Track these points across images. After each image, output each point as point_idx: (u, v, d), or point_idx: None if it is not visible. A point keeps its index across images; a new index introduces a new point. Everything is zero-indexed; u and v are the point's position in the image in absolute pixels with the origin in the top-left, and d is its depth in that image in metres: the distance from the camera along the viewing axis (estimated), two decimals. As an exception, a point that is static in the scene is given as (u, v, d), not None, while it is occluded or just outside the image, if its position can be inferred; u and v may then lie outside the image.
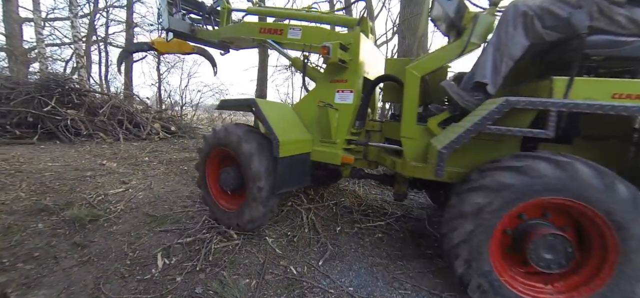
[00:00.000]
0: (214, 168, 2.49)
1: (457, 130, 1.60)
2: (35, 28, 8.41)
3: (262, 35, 2.73)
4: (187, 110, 12.08)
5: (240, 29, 2.96)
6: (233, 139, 2.20)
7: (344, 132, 2.31)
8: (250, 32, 2.84)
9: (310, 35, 2.53)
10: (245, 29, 2.91)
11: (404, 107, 2.06)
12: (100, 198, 2.85)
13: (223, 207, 2.40)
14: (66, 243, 2.09)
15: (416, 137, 2.04)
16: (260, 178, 2.09)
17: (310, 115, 2.43)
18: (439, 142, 1.70)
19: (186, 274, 1.84)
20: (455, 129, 1.66)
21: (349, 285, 1.88)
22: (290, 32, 2.59)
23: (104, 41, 12.88)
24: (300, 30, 2.55)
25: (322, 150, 2.35)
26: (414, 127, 2.05)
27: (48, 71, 7.74)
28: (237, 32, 2.98)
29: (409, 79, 2.04)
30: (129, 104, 7.25)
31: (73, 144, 5.12)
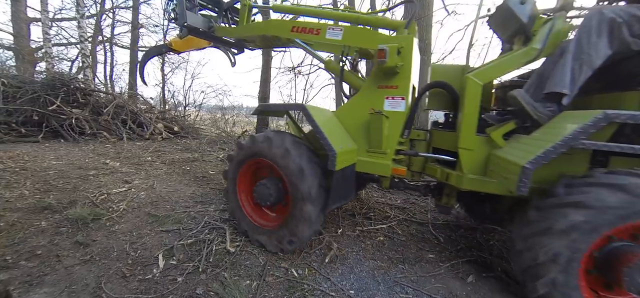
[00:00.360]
0: (247, 179, 2.31)
1: (542, 144, 1.49)
2: (43, 28, 8.52)
3: (294, 34, 2.51)
4: (191, 110, 12.16)
5: (267, 27, 2.71)
6: (277, 150, 1.99)
7: (395, 141, 2.16)
8: (279, 30, 2.61)
9: (353, 36, 2.32)
10: (273, 27, 2.67)
11: (463, 116, 1.96)
12: (103, 197, 2.87)
13: (257, 223, 2.22)
14: (69, 242, 2.10)
15: (475, 149, 1.95)
16: (310, 196, 1.90)
17: (355, 122, 2.24)
18: (516, 156, 1.58)
19: (187, 275, 1.84)
20: (537, 143, 1.55)
21: (350, 288, 1.87)
22: (330, 32, 2.37)
23: (110, 41, 13.01)
24: (342, 30, 2.34)
25: (370, 160, 2.16)
26: (474, 138, 1.95)
27: (54, 70, 7.83)
28: (263, 30, 2.73)
29: (470, 87, 1.93)
30: (133, 104, 7.31)
31: (77, 143, 5.16)
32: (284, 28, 2.59)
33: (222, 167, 4.36)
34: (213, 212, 2.74)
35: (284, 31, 2.57)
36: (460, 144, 1.98)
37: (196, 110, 12.42)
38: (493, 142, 1.90)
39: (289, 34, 2.53)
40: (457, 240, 2.70)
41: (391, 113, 2.16)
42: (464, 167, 1.97)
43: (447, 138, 2.21)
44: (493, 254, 2.47)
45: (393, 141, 2.16)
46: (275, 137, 2.05)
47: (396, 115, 2.14)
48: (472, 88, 1.93)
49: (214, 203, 2.98)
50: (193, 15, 2.94)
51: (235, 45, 3.33)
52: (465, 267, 2.24)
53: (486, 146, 1.93)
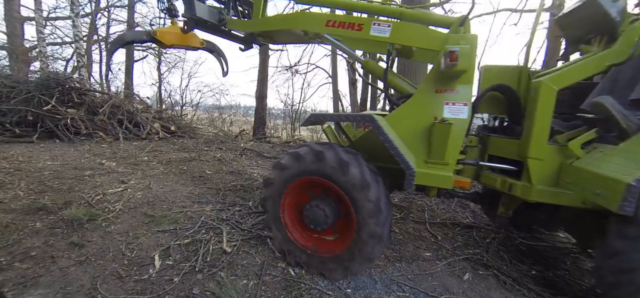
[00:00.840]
0: (291, 203, 2.06)
1: None
2: (37, 27, 8.42)
3: (328, 29, 2.25)
4: (188, 110, 12.09)
5: (295, 21, 2.42)
6: (333, 165, 1.77)
7: (457, 151, 1.94)
8: (311, 24, 2.34)
9: (404, 34, 2.09)
10: (304, 21, 2.38)
11: (534, 124, 1.85)
12: (98, 197, 2.85)
13: (311, 251, 1.97)
14: (64, 243, 2.09)
15: (546, 158, 1.83)
16: (378, 210, 1.74)
17: (410, 130, 1.99)
18: (617, 171, 1.47)
19: (184, 275, 1.84)
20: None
21: (347, 286, 1.87)
22: (375, 28, 2.13)
23: (105, 41, 12.89)
24: (390, 26, 2.09)
25: (430, 172, 1.90)
26: (545, 147, 1.84)
27: (49, 70, 7.75)
28: (291, 23, 2.43)
29: (544, 93, 1.81)
30: (129, 104, 7.25)
31: (72, 143, 5.11)
32: (317, 22, 2.31)
33: (219, 166, 4.34)
34: (210, 212, 2.73)
35: (317, 25, 2.31)
36: (530, 153, 1.86)
37: (193, 110, 12.36)
38: (569, 151, 1.77)
39: (323, 28, 2.27)
40: (453, 238, 2.72)
41: (453, 120, 1.94)
42: (533, 177, 1.85)
43: (506, 145, 2.07)
44: (489, 252, 2.49)
45: (455, 151, 1.94)
46: (327, 151, 1.81)
47: (458, 123, 1.92)
48: (546, 93, 1.80)
49: (211, 203, 2.98)
50: (202, 6, 2.64)
51: (243, 41, 3.01)
52: (462, 265, 2.25)
53: (558, 155, 1.82)
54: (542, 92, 1.82)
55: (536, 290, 2.04)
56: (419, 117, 1.96)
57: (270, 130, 11.07)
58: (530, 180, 1.87)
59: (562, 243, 2.82)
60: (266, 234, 2.38)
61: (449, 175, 1.89)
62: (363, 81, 9.90)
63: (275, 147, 6.58)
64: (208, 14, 2.68)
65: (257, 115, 9.50)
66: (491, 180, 2.12)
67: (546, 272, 2.29)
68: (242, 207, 2.93)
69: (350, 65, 9.76)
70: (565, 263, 2.49)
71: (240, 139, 7.47)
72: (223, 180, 3.69)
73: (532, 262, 2.43)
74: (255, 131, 9.08)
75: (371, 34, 2.13)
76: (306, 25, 2.37)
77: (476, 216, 3.31)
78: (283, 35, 2.74)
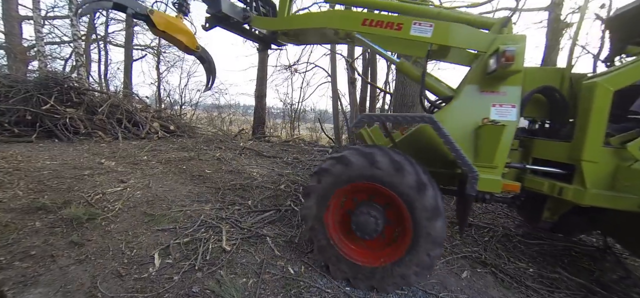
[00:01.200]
0: (336, 209, 1.94)
1: None
2: (35, 26, 8.39)
3: (365, 28, 2.17)
4: (187, 109, 12.08)
5: (328, 19, 2.31)
6: (386, 169, 1.69)
7: (505, 154, 1.89)
8: (345, 23, 2.26)
9: (447, 34, 2.02)
10: (337, 20, 2.29)
11: (588, 126, 1.81)
12: (98, 197, 2.85)
13: (360, 262, 1.86)
14: (63, 242, 2.09)
15: (600, 161, 1.80)
16: (437, 210, 1.67)
17: (456, 132, 1.90)
18: None
19: (183, 273, 1.85)
20: None
21: (346, 285, 1.88)
22: (415, 28, 2.06)
23: (104, 40, 12.86)
24: (432, 26, 2.03)
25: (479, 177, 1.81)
26: (600, 150, 1.79)
27: (47, 69, 7.72)
28: (321, 22, 2.32)
29: (599, 94, 1.77)
30: (128, 103, 7.24)
31: (71, 143, 5.11)
32: (352, 21, 2.23)
33: (219, 165, 4.35)
34: (209, 211, 2.74)
35: (352, 24, 2.23)
36: (584, 156, 1.81)
37: (192, 109, 12.35)
38: (626, 154, 1.74)
39: (359, 27, 2.20)
40: (452, 236, 2.73)
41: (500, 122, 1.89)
42: (587, 180, 1.81)
43: (554, 148, 2.02)
44: (487, 250, 2.50)
45: (504, 154, 1.89)
46: (378, 154, 1.73)
47: (507, 125, 1.87)
48: (601, 95, 1.77)
49: (210, 202, 2.98)
50: (227, 2, 2.50)
51: (261, 41, 2.87)
52: (460, 263, 2.27)
53: (614, 158, 1.78)
54: (598, 93, 1.77)
55: (534, 287, 2.06)
56: (466, 118, 1.90)
57: (270, 130, 11.07)
58: (583, 183, 1.82)
59: (560, 241, 2.84)
60: (264, 233, 2.39)
61: (497, 179, 1.84)
62: (362, 80, 9.91)
63: (275, 146, 6.59)
64: (233, 10, 2.58)
65: (256, 114, 9.50)
66: (537, 184, 2.04)
67: (544, 270, 2.31)
68: (242, 206, 2.94)
69: (349, 65, 9.76)
70: (563, 261, 2.51)
71: (240, 138, 7.47)
72: (222, 179, 3.69)
73: (530, 260, 2.44)
74: (255, 130, 9.08)
75: (411, 33, 2.07)
76: (340, 24, 2.29)
77: (475, 215, 3.32)
78: (310, 34, 2.64)
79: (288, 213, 2.79)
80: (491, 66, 1.82)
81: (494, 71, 1.81)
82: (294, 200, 3.12)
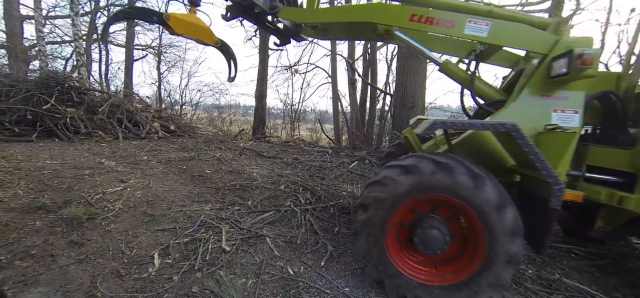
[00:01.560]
0: (394, 224, 1.80)
1: None
2: (36, 25, 8.41)
3: (413, 24, 2.05)
4: (187, 109, 12.09)
5: (370, 13, 2.15)
6: (464, 179, 1.55)
7: (568, 161, 1.78)
8: (390, 18, 2.12)
9: (505, 34, 1.91)
10: (381, 14, 2.13)
11: None
12: (98, 196, 2.85)
13: (423, 280, 1.73)
14: (63, 241, 2.10)
15: None
16: (517, 229, 1.55)
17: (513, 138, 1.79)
18: None
19: (183, 273, 1.85)
20: None
21: (345, 285, 1.89)
22: (470, 26, 1.94)
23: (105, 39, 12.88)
24: (488, 25, 1.92)
25: None
26: None
27: (48, 69, 7.74)
28: (362, 15, 2.17)
29: None
30: (129, 103, 7.25)
31: (72, 142, 5.11)
32: (399, 16, 2.09)
33: (219, 165, 4.35)
34: (209, 211, 2.75)
35: (398, 20, 2.09)
36: None
37: (193, 109, 12.37)
38: None
39: (406, 23, 2.07)
40: (451, 237, 2.74)
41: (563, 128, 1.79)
42: None
43: (613, 156, 1.93)
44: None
45: (567, 161, 1.79)
46: (455, 164, 1.59)
47: (570, 132, 1.76)
48: None
49: (210, 202, 2.99)
50: None
51: (282, 35, 2.71)
52: (459, 264, 2.26)
53: None
54: None
55: (532, 289, 2.06)
56: (523, 124, 1.71)
57: (270, 130, 11.08)
58: None
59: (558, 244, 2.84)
60: (264, 233, 2.39)
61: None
62: (362, 81, 9.92)
63: (275, 147, 6.59)
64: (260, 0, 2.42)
65: (256, 114, 9.52)
66: (593, 193, 1.93)
67: (543, 272, 2.31)
68: (242, 206, 2.94)
69: (349, 66, 9.77)
70: (562, 262, 2.51)
71: (240, 139, 7.48)
72: (222, 179, 3.70)
73: (529, 262, 2.44)
74: (255, 131, 9.10)
75: (466, 32, 1.96)
76: (385, 18, 2.13)
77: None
78: (342, 28, 2.49)
79: (288, 214, 2.80)
80: (559, 69, 1.72)
81: (563, 74, 1.72)
82: (293, 200, 3.12)
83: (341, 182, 4.06)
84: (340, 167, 4.77)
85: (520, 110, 1.87)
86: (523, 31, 1.96)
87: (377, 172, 1.78)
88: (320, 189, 3.51)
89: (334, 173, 4.42)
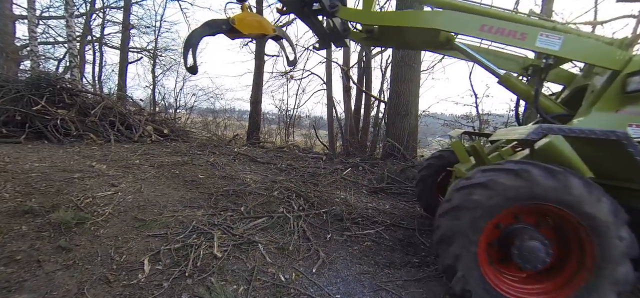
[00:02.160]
0: (486, 239, 1.67)
1: None
2: (29, 25, 8.30)
3: (483, 34, 2.04)
4: (181, 113, 12.01)
5: (438, 20, 2.12)
6: (581, 192, 1.47)
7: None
8: (459, 26, 2.09)
9: (577, 48, 1.90)
10: (452, 22, 2.10)
11: None
12: (88, 200, 2.81)
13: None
14: (50, 247, 2.05)
15: None
16: (631, 249, 1.48)
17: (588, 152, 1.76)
18: None
19: (173, 280, 1.83)
20: None
21: (336, 292, 1.89)
22: (542, 39, 1.93)
23: (99, 42, 12.79)
24: (560, 39, 1.90)
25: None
26: None
27: (40, 70, 7.63)
28: (429, 22, 2.13)
29: None
30: (122, 106, 7.18)
31: (62, 145, 5.02)
32: (469, 25, 2.07)
33: (212, 170, 4.33)
34: (201, 217, 2.73)
35: (468, 28, 2.08)
36: None
37: (187, 113, 12.29)
38: None
39: (475, 32, 2.06)
40: (442, 245, 2.77)
41: None
42: None
43: None
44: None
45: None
46: (569, 175, 1.51)
47: None
48: None
49: (202, 207, 2.97)
50: None
51: (324, 36, 2.61)
52: (449, 272, 2.29)
53: None
54: None
55: None
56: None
57: (264, 135, 11.07)
58: None
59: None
60: (256, 240, 2.39)
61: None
62: (357, 88, 10.03)
63: (269, 152, 6.59)
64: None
65: (251, 119, 9.51)
66: None
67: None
68: (234, 212, 2.93)
69: (344, 73, 9.89)
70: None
71: (234, 144, 7.45)
72: (215, 184, 3.68)
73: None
74: (249, 136, 9.08)
75: (537, 45, 1.95)
76: (454, 26, 2.13)
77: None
78: (401, 35, 2.40)
79: (281, 220, 2.80)
80: (636, 85, 1.74)
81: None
82: (286, 207, 3.12)
83: (334, 189, 4.08)
84: (333, 174, 4.79)
85: (594, 124, 1.85)
86: (595, 47, 1.97)
87: (471, 175, 1.66)
88: (314, 196, 3.52)
89: (327, 179, 4.44)
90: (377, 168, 5.36)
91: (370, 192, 4.22)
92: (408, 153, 6.03)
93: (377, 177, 4.81)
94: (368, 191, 4.25)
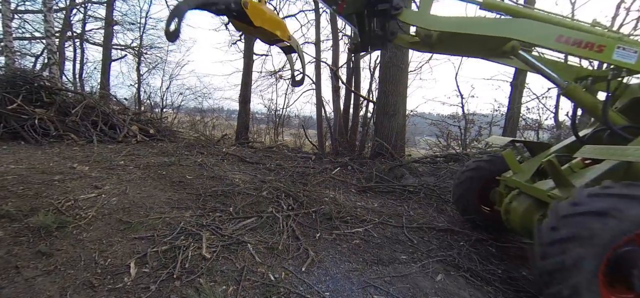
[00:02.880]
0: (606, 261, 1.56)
1: None
2: (3, 19, 7.88)
3: (558, 45, 1.99)
4: (168, 112, 11.73)
5: (510, 29, 2.06)
6: None
7: None
8: (535, 37, 2.03)
9: None
10: (525, 31, 2.04)
11: None
12: (69, 203, 2.71)
13: None
14: (29, 252, 1.98)
15: None
16: None
17: None
18: None
19: (161, 282, 1.81)
20: None
21: (325, 290, 1.92)
22: (619, 52, 1.91)
23: (80, 38, 12.30)
24: (637, 52, 1.88)
25: None
26: None
27: (15, 66, 7.26)
28: (500, 30, 2.07)
29: None
30: (105, 105, 6.94)
31: (40, 145, 4.81)
32: (544, 35, 2.01)
33: (200, 171, 4.26)
34: (189, 218, 2.70)
35: (543, 39, 2.02)
36: None
37: (174, 113, 12.02)
38: None
39: (551, 43, 2.01)
40: (430, 241, 2.86)
41: None
42: None
43: None
44: (461, 254, 2.64)
45: None
46: None
47: None
48: None
49: (190, 208, 2.93)
50: None
51: (372, 39, 2.44)
52: (435, 267, 2.37)
53: None
54: None
55: (502, 288, 2.20)
56: None
57: (253, 135, 10.98)
58: None
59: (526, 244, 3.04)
60: (245, 240, 2.38)
61: None
62: (346, 89, 10.11)
63: (258, 152, 6.55)
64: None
65: (240, 119, 9.42)
66: None
67: (511, 271, 2.47)
68: (223, 212, 2.91)
69: (333, 73, 9.93)
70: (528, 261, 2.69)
71: (222, 144, 7.36)
72: (203, 185, 3.63)
73: (499, 262, 2.60)
74: (238, 135, 8.99)
75: (614, 57, 1.93)
76: (530, 36, 2.05)
77: (451, 221, 3.48)
78: (462, 42, 2.34)
79: (270, 220, 2.80)
80: None
81: None
82: (275, 206, 3.13)
83: (324, 188, 4.11)
84: (322, 173, 4.83)
85: None
86: None
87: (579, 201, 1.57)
88: (303, 195, 3.54)
89: (316, 179, 4.47)
90: (366, 167, 5.44)
91: (359, 191, 4.28)
92: (396, 152, 6.14)
93: (366, 176, 4.88)
94: (357, 190, 4.31)
